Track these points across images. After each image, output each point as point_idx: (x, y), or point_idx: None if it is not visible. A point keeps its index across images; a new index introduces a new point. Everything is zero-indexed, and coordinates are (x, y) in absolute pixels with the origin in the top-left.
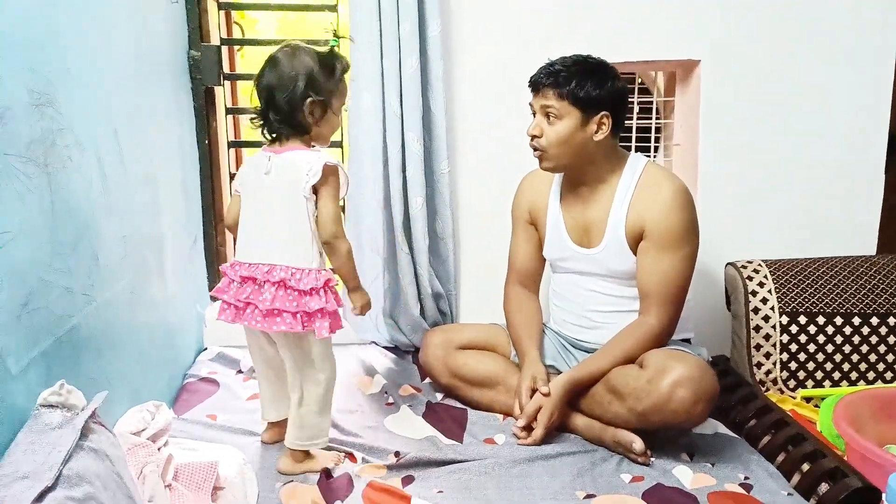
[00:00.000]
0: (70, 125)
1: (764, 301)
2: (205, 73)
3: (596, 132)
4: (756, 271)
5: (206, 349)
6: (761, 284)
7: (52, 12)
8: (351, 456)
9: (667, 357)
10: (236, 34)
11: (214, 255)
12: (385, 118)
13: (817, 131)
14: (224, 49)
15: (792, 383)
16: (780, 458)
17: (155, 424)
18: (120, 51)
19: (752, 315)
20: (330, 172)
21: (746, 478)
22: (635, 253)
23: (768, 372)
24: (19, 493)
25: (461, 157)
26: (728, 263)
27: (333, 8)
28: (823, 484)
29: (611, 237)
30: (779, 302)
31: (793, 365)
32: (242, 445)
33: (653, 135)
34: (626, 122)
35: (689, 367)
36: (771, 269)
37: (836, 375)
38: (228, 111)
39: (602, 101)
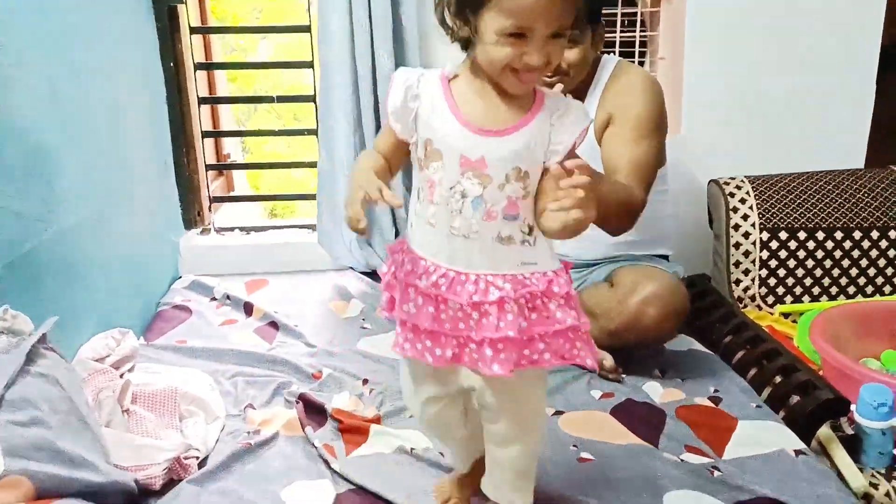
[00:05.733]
0: (10, 41)
1: (745, 217)
2: None
3: (599, 43)
4: (738, 188)
5: (180, 277)
6: (743, 201)
7: None
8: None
9: (637, 275)
10: None
11: (188, 184)
12: (353, 34)
13: (807, 44)
14: None
15: (771, 299)
16: (753, 372)
17: (119, 351)
18: None
19: (732, 232)
20: None
21: (716, 391)
22: None
23: (747, 289)
24: None
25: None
26: (711, 181)
27: None
28: (794, 396)
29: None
30: (760, 218)
31: (772, 281)
32: (211, 368)
33: (637, 49)
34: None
35: (658, 284)
36: (753, 186)
37: (816, 290)
38: (193, 30)
39: (600, 12)
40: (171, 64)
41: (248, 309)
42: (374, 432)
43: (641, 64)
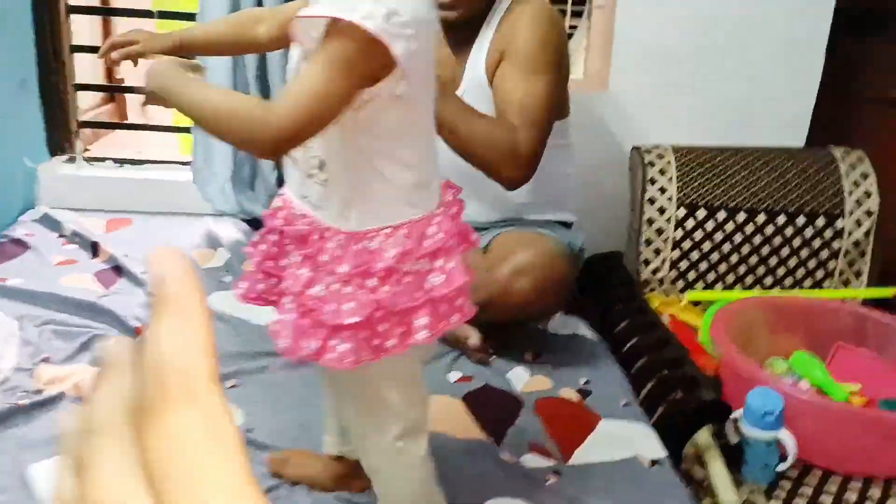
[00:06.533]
0: None
1: (662, 191)
2: None
3: None
4: (660, 157)
5: (33, 209)
6: (662, 172)
7: None
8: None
9: (513, 242)
10: None
11: (56, 105)
12: None
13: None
14: None
15: (681, 284)
16: (640, 363)
17: None
18: None
19: (647, 206)
20: None
21: (587, 382)
22: None
23: (656, 270)
24: None
25: None
26: (633, 147)
27: None
28: (678, 393)
29: (471, 77)
30: (678, 192)
31: (683, 264)
32: (21, 312)
33: None
34: None
35: (533, 253)
36: (677, 156)
37: (730, 278)
38: None
39: None
40: None
41: (95, 249)
42: None
43: (580, 12)
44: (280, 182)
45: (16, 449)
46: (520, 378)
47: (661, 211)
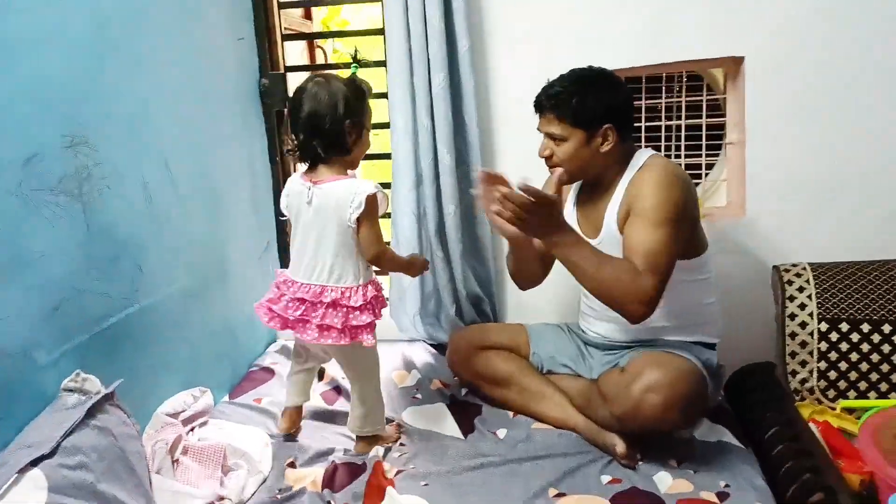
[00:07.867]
0: (107, 159)
1: (802, 307)
2: (272, 98)
3: (602, 144)
4: (798, 275)
5: (276, 341)
6: (801, 289)
7: (92, 65)
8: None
9: (647, 362)
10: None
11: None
12: (417, 132)
13: (875, 125)
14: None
15: (832, 393)
16: (783, 469)
17: (194, 407)
18: (175, 89)
19: (788, 321)
20: (371, 201)
21: (727, 485)
22: None
23: (804, 381)
24: (20, 459)
25: (500, 163)
26: (774, 266)
27: (380, 31)
28: (821, 495)
29: (606, 229)
30: (818, 308)
31: (832, 374)
32: (271, 428)
33: (704, 132)
34: (633, 123)
35: (664, 372)
36: (815, 273)
37: (884, 387)
38: None
39: (602, 116)
40: (277, 159)
41: (321, 374)
42: (389, 495)
43: (717, 148)
44: (457, 313)
45: None
46: (664, 481)
47: (803, 325)
